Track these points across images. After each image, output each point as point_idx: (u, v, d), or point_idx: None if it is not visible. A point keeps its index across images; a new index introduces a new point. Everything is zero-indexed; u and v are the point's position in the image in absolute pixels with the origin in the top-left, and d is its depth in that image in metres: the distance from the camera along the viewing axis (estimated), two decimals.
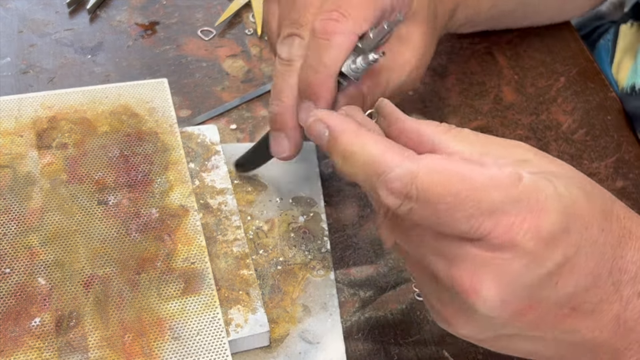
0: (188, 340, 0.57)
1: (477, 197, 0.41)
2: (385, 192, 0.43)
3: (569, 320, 0.45)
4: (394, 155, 0.43)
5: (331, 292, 0.63)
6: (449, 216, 0.42)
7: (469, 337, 0.47)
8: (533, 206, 0.42)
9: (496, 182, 0.42)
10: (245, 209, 0.68)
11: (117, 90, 0.71)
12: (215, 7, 0.87)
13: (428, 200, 0.42)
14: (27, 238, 0.61)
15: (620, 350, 0.47)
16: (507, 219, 0.41)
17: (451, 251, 0.43)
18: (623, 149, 0.76)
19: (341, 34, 0.55)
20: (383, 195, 0.43)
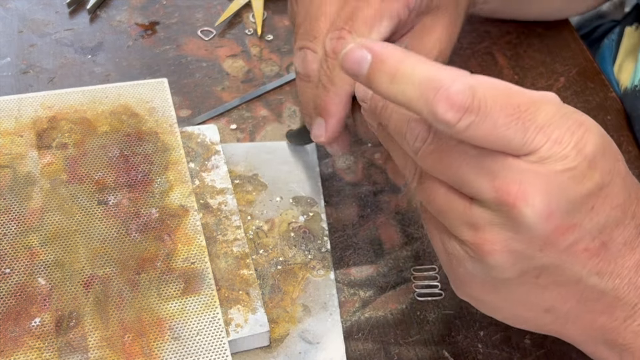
0: (188, 341, 0.57)
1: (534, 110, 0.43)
2: (445, 106, 0.42)
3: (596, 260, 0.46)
4: (451, 72, 0.43)
5: (331, 292, 0.63)
6: (507, 129, 0.43)
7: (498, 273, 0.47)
8: (581, 124, 0.44)
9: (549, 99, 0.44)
10: (246, 208, 0.68)
11: (117, 90, 0.71)
12: (215, 7, 0.87)
13: (489, 112, 0.42)
14: (27, 238, 0.61)
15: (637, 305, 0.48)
16: (558, 132, 0.43)
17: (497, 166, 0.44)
18: (623, 149, 0.76)
19: None
20: (441, 111, 0.42)
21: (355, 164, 0.73)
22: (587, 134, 0.44)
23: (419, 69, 0.43)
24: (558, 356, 0.62)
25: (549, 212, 0.44)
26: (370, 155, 0.74)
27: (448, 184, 0.47)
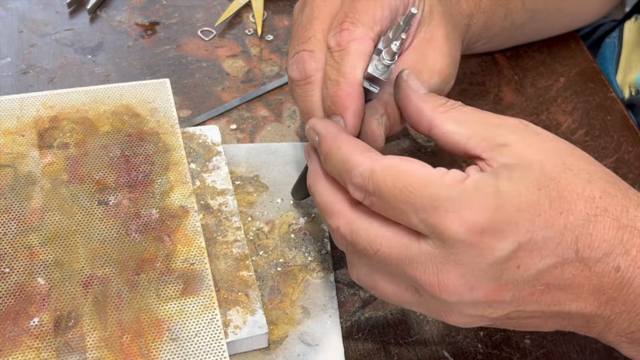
0: (186, 342, 0.57)
1: (420, 193, 0.47)
2: (351, 187, 0.50)
3: (548, 295, 0.49)
4: (359, 156, 0.49)
5: (331, 294, 0.63)
6: (400, 209, 0.48)
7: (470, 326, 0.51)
8: (470, 204, 0.46)
9: (438, 181, 0.47)
10: (246, 209, 0.68)
11: (119, 90, 0.71)
12: (215, 8, 0.87)
13: (382, 193, 0.48)
14: (27, 238, 0.61)
15: (610, 318, 0.50)
16: (446, 215, 0.46)
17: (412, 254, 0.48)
18: (623, 149, 0.76)
19: (355, 41, 0.54)
20: (351, 190, 0.50)
21: None
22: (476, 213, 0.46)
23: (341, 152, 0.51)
24: (558, 356, 0.62)
25: (469, 287, 0.47)
26: None
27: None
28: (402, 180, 0.47)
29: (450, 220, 0.46)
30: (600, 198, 0.48)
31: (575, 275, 0.48)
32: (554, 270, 0.48)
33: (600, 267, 0.48)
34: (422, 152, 0.74)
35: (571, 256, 0.47)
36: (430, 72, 0.60)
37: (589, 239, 0.47)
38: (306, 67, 0.57)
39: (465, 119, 0.51)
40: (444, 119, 0.51)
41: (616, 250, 0.48)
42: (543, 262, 0.47)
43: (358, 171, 0.49)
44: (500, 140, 0.49)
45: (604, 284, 0.48)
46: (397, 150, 0.74)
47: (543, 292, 0.48)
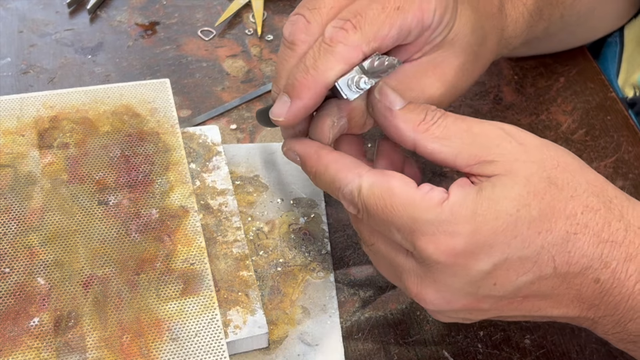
0: (186, 342, 0.57)
1: (401, 213, 0.49)
2: (345, 202, 0.52)
3: (528, 304, 0.51)
4: (347, 173, 0.52)
5: (331, 294, 0.63)
6: (385, 226, 0.50)
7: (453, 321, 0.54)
8: (447, 228, 0.47)
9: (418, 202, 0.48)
10: (246, 209, 0.68)
11: (119, 90, 0.71)
12: (215, 8, 0.87)
13: (369, 211, 0.50)
14: (27, 238, 0.61)
15: (594, 319, 0.51)
16: (423, 238, 0.48)
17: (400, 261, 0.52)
18: (623, 149, 0.76)
19: (345, 45, 0.52)
20: (345, 205, 0.53)
21: None
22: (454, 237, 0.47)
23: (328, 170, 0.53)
24: (558, 356, 0.61)
25: (446, 301, 0.50)
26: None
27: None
28: (385, 200, 0.49)
29: (426, 243, 0.48)
30: (582, 214, 0.49)
31: (553, 287, 0.49)
32: (532, 285, 0.49)
33: (579, 280, 0.49)
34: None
35: (549, 272, 0.49)
36: (420, 93, 0.57)
37: (567, 256, 0.48)
38: (296, 34, 0.55)
39: (448, 135, 0.51)
40: (427, 139, 0.51)
41: (595, 265, 0.49)
42: (520, 279, 0.49)
43: (347, 189, 0.51)
44: (487, 158, 0.49)
45: (583, 293, 0.50)
46: None
47: (522, 301, 0.50)
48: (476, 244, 0.47)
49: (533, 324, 0.63)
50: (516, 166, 0.49)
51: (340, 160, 0.53)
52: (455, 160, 0.50)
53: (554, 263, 0.48)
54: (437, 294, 0.50)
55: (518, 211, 0.47)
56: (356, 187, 0.51)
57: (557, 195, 0.48)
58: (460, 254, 0.48)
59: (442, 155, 0.51)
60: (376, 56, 0.53)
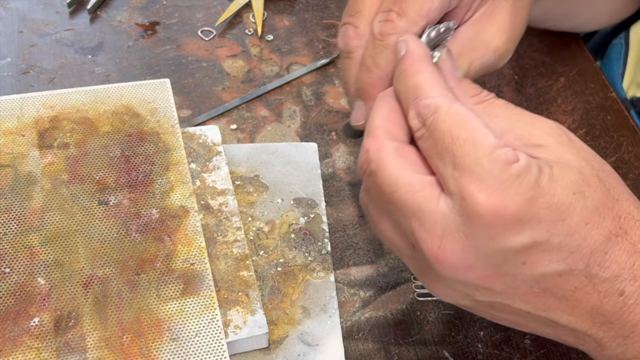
0: (186, 342, 0.57)
1: (468, 151, 0.45)
2: (413, 112, 0.49)
3: (542, 300, 0.47)
4: (436, 88, 0.48)
5: (331, 294, 0.63)
6: (443, 155, 0.46)
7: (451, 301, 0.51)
8: (506, 186, 0.44)
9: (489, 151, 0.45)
10: (246, 209, 0.68)
11: (119, 90, 0.71)
12: (215, 8, 0.87)
13: (436, 133, 0.47)
14: (27, 238, 0.61)
15: (603, 341, 0.49)
16: (479, 184, 0.45)
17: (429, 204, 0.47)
18: (623, 149, 0.76)
19: (396, 34, 0.53)
20: (411, 115, 0.49)
21: (355, 164, 0.73)
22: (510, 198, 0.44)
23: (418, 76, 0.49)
24: (558, 356, 0.62)
25: (466, 265, 0.46)
26: None
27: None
28: (460, 132, 0.46)
29: (478, 190, 0.45)
30: (625, 219, 0.47)
31: (577, 288, 0.47)
32: (558, 277, 0.46)
33: (605, 287, 0.47)
34: None
35: (579, 268, 0.46)
36: (485, 49, 0.57)
37: (602, 257, 0.46)
38: (348, 42, 0.56)
39: (498, 114, 0.49)
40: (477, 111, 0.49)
41: (624, 275, 0.46)
42: (550, 266, 0.46)
43: (427, 102, 0.48)
44: (535, 141, 0.48)
45: (603, 305, 0.47)
46: None
47: (538, 295, 0.47)
48: (527, 213, 0.44)
49: None
50: (567, 157, 0.47)
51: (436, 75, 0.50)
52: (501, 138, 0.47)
53: (588, 260, 0.46)
54: (460, 253, 0.46)
55: (574, 194, 0.45)
56: (437, 104, 0.47)
57: (607, 194, 0.47)
58: (508, 216, 0.44)
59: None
60: (430, 28, 0.54)
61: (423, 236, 0.47)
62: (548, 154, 0.47)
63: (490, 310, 0.50)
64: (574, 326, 0.48)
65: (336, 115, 0.77)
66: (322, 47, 0.84)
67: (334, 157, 0.73)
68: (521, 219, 0.44)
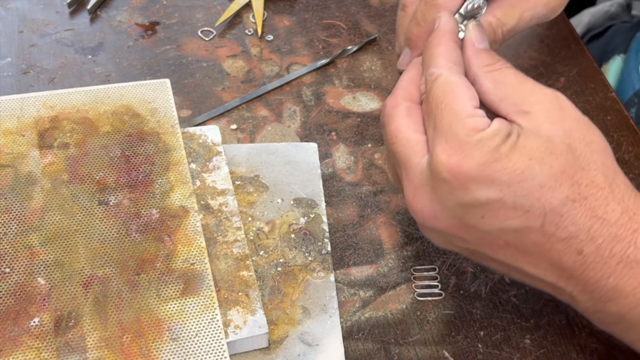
0: (186, 342, 0.57)
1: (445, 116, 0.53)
2: (423, 78, 0.57)
3: (508, 252, 0.53)
4: (442, 60, 0.56)
5: (331, 294, 0.63)
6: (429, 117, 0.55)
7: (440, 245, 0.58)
8: (466, 149, 0.51)
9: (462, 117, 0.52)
10: (246, 210, 0.68)
11: (119, 90, 0.71)
12: (215, 8, 0.87)
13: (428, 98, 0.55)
14: (27, 238, 0.61)
15: (573, 294, 0.54)
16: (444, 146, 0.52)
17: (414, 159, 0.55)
18: (623, 149, 0.76)
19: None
20: (422, 80, 0.58)
21: (355, 164, 0.73)
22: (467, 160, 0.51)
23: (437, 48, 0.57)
24: (558, 356, 0.62)
25: (433, 215, 0.54)
26: (370, 155, 0.74)
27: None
28: (444, 98, 0.54)
29: (442, 151, 0.52)
30: (586, 186, 0.51)
31: (535, 244, 0.52)
32: (516, 233, 0.52)
33: (563, 246, 0.51)
34: None
35: (536, 226, 0.51)
36: (537, 1, 0.64)
37: (558, 219, 0.51)
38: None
39: (504, 81, 0.55)
40: (485, 78, 0.56)
41: (581, 236, 0.51)
42: (507, 222, 0.51)
43: (432, 70, 0.56)
44: (525, 108, 0.53)
45: (563, 261, 0.52)
46: None
47: (503, 247, 0.53)
48: (481, 174, 0.51)
49: (533, 324, 0.63)
50: (546, 125, 0.52)
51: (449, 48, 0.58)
52: (500, 104, 0.54)
53: (543, 219, 0.51)
54: (428, 204, 0.54)
55: (530, 160, 0.50)
56: (439, 73, 0.55)
57: (570, 162, 0.51)
58: (463, 175, 0.51)
59: (490, 97, 0.55)
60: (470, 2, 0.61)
61: (405, 184, 0.55)
62: (528, 122, 0.52)
63: (474, 257, 0.57)
64: (543, 278, 0.54)
65: (336, 115, 0.77)
66: (322, 47, 0.84)
67: (334, 157, 0.74)
68: (475, 178, 0.51)
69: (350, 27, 0.86)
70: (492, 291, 0.65)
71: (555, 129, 0.52)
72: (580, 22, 1.13)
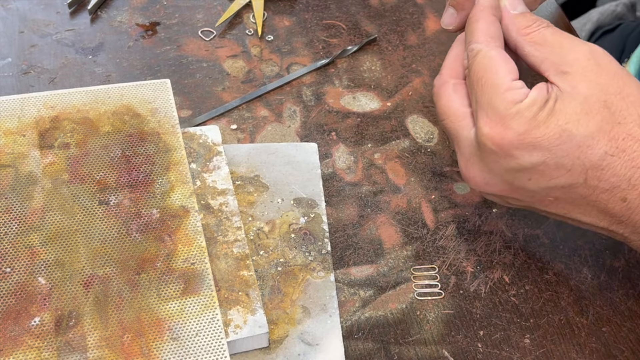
0: (187, 341, 0.57)
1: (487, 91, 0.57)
2: (466, 53, 0.61)
3: (559, 205, 0.58)
4: (481, 35, 0.60)
5: (331, 294, 0.63)
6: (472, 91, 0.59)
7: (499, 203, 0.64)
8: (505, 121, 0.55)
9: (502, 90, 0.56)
10: (246, 209, 0.68)
11: (120, 91, 0.71)
12: (215, 8, 0.87)
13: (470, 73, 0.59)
14: (28, 237, 0.61)
15: (625, 235, 0.59)
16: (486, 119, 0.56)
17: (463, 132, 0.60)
18: None
19: None
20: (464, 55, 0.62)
21: (355, 164, 0.73)
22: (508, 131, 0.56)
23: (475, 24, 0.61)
24: (558, 356, 0.62)
25: (485, 182, 0.59)
26: (370, 155, 0.74)
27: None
28: (484, 73, 0.58)
29: (484, 124, 0.56)
30: (624, 140, 0.55)
31: (582, 197, 0.56)
32: (562, 189, 0.57)
33: (607, 196, 0.56)
34: (421, 151, 0.75)
35: (580, 182, 0.56)
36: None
37: (600, 172, 0.55)
38: None
39: (543, 42, 0.59)
40: (525, 42, 0.59)
41: (623, 185, 0.55)
42: (552, 181, 0.56)
43: (472, 46, 0.60)
44: (564, 68, 0.57)
45: (610, 209, 0.56)
46: (397, 149, 0.75)
47: (553, 202, 0.58)
48: (522, 142, 0.55)
49: (533, 324, 0.63)
50: (583, 84, 0.56)
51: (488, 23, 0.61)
52: (541, 65, 0.58)
53: (585, 175, 0.55)
54: (479, 174, 0.59)
55: (567, 124, 0.54)
56: (479, 48, 0.59)
57: (607, 118, 0.55)
58: (506, 145, 0.55)
59: (532, 59, 0.59)
60: None
61: (458, 156, 0.61)
62: (566, 84, 0.56)
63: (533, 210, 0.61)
64: (596, 224, 0.58)
65: (336, 115, 0.77)
66: (322, 47, 0.84)
67: (334, 157, 0.74)
68: (517, 146, 0.55)
69: (350, 27, 0.86)
70: (492, 291, 0.65)
71: (591, 86, 0.55)
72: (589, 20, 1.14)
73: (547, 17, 0.90)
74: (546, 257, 0.68)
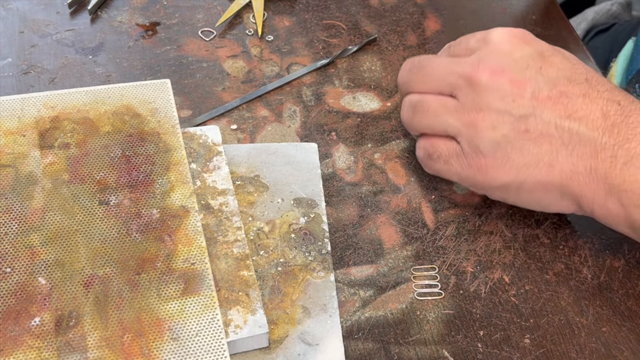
0: (187, 341, 0.57)
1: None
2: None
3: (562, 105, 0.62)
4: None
5: (331, 294, 0.63)
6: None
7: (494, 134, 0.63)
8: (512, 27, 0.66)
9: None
10: (247, 209, 0.68)
11: (120, 91, 0.71)
12: (215, 8, 0.87)
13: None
14: (28, 237, 0.61)
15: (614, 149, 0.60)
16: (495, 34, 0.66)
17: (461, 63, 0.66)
18: None
19: None
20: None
21: (355, 164, 0.73)
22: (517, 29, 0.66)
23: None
24: (558, 356, 0.62)
25: (501, 69, 0.63)
26: (370, 155, 0.74)
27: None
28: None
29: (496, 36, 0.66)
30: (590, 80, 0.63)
31: (585, 94, 0.62)
32: (568, 82, 0.62)
33: (607, 95, 0.61)
34: None
35: (581, 80, 0.62)
36: None
37: (598, 77, 0.63)
38: None
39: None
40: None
41: (616, 91, 0.62)
42: (559, 73, 0.62)
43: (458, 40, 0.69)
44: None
45: (609, 109, 0.61)
46: (397, 149, 0.75)
47: (556, 100, 0.62)
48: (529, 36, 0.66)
49: (533, 324, 0.63)
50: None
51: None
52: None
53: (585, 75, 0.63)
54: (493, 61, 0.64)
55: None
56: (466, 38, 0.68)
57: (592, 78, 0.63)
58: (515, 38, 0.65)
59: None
60: None
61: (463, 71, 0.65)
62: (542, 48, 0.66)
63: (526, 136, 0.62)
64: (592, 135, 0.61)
65: (336, 115, 0.77)
66: (322, 47, 0.84)
67: (334, 157, 0.74)
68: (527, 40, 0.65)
69: (350, 27, 0.86)
70: (492, 291, 0.65)
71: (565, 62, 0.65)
72: (585, 19, 1.14)
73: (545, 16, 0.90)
74: (546, 257, 0.68)
